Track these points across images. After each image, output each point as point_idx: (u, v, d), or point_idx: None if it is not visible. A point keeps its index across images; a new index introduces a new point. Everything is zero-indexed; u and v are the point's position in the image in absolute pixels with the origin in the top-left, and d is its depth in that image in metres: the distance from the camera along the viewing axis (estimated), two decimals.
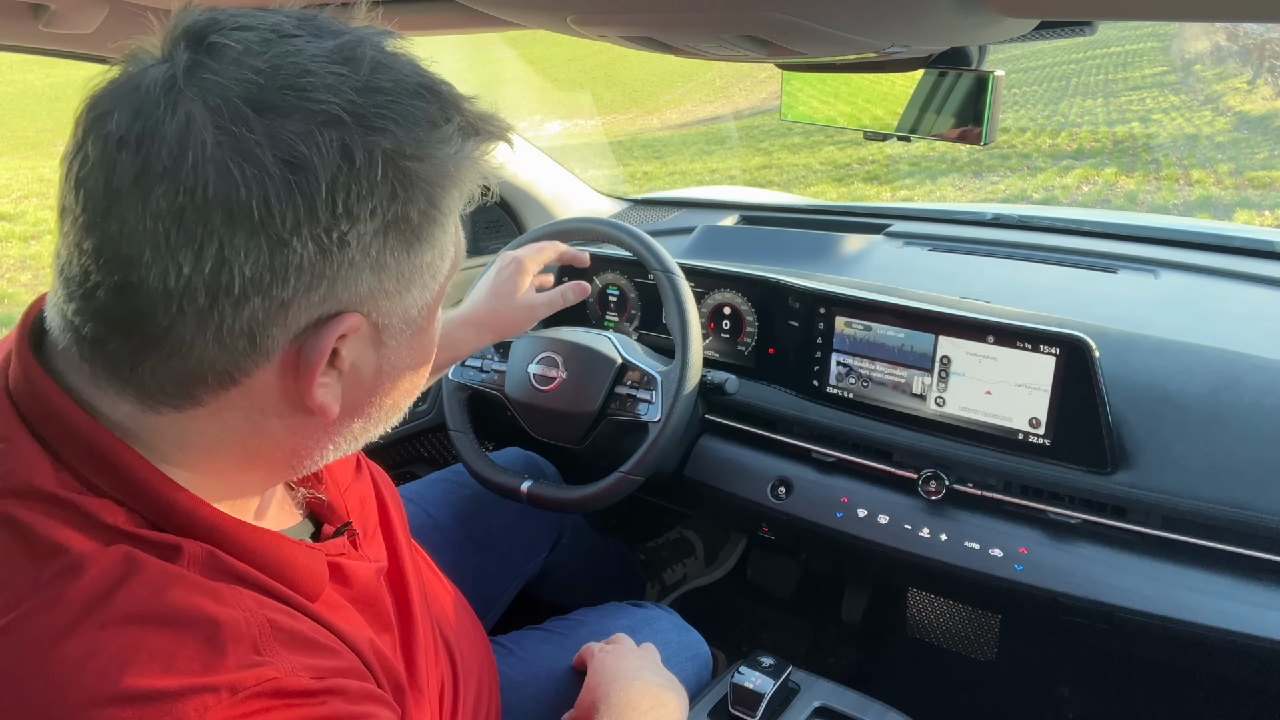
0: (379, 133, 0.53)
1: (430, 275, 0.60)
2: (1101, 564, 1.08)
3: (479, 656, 0.93)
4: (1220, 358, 1.12)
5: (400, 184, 0.54)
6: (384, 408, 0.64)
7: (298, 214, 0.51)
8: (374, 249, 0.54)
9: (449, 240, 0.60)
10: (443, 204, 0.57)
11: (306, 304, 0.53)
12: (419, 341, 0.63)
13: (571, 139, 9.78)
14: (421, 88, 0.56)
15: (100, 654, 0.49)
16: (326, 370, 0.57)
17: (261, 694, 0.51)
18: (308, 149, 0.51)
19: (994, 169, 10.19)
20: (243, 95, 0.50)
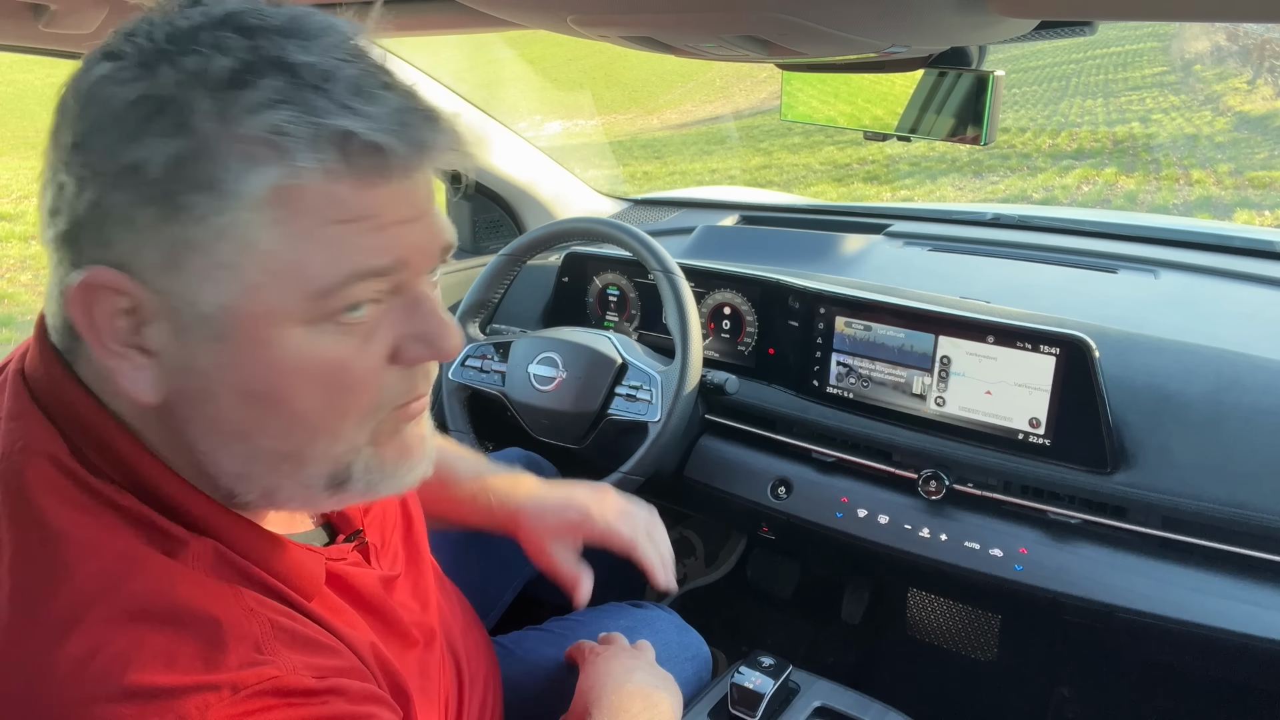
0: (150, 71, 0.50)
1: (214, 263, 0.51)
2: (1101, 564, 1.08)
3: (484, 660, 0.93)
4: (1220, 358, 1.12)
5: (153, 125, 0.50)
6: (224, 432, 0.56)
7: (59, 140, 0.52)
8: (121, 197, 0.51)
9: (245, 230, 0.51)
10: (211, 170, 0.50)
11: (74, 248, 0.53)
12: (235, 357, 0.54)
13: (571, 139, 9.78)
14: (250, 49, 0.50)
15: (103, 650, 0.49)
16: (141, 350, 0.54)
17: (263, 692, 0.51)
18: (82, 79, 0.52)
19: (994, 169, 10.18)
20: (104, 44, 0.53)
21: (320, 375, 0.55)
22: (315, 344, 0.54)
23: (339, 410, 0.56)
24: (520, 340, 1.37)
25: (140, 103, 0.50)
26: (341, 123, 0.50)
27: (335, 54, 0.52)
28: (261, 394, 0.55)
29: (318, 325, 0.54)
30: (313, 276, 0.52)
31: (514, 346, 1.36)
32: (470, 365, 1.39)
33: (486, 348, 1.39)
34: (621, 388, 1.28)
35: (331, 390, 0.55)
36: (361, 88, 0.52)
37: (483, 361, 1.39)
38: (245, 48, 0.50)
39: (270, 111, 0.49)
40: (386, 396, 0.58)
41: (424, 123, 0.53)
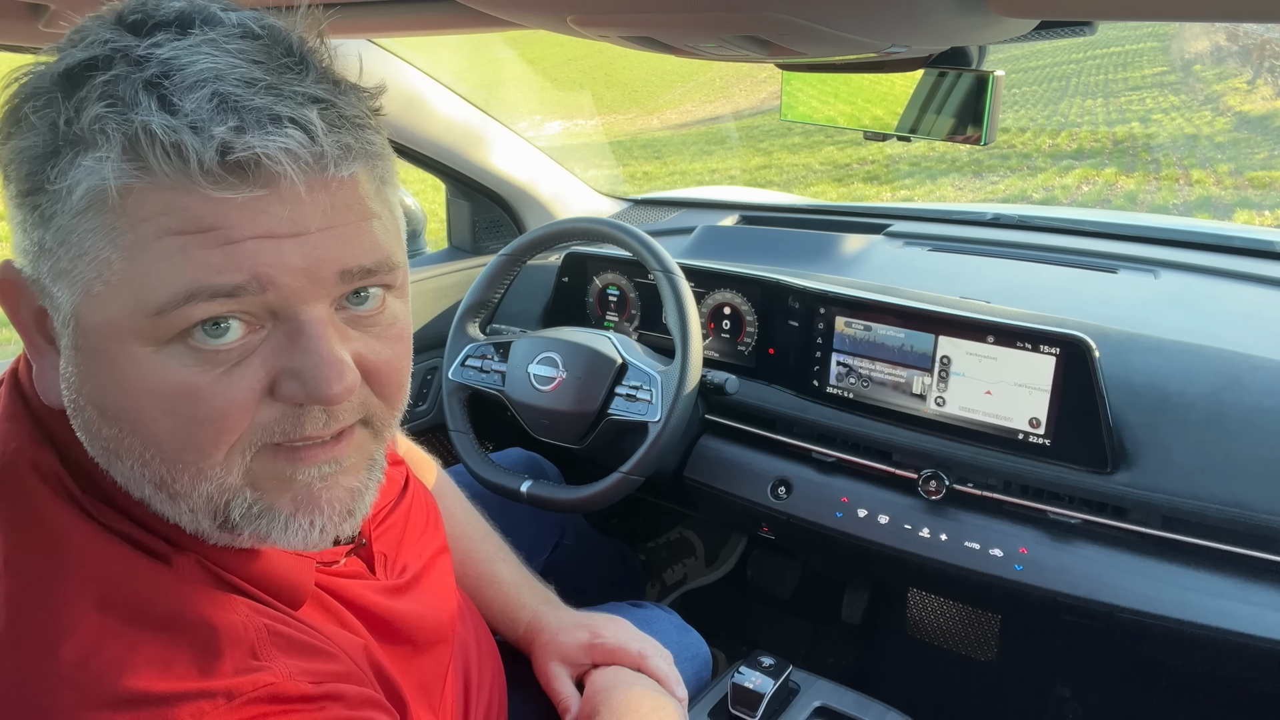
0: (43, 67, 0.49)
1: (56, 266, 0.49)
2: (1101, 564, 1.08)
3: (490, 662, 0.93)
4: (1220, 358, 1.12)
5: (15, 121, 0.49)
6: (97, 444, 0.53)
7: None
8: (5, 191, 0.51)
9: (75, 232, 0.48)
10: (35, 167, 0.48)
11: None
12: (89, 369, 0.51)
13: (571, 139, 9.78)
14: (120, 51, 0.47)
15: (97, 656, 0.49)
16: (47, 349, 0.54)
17: (258, 699, 0.51)
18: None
19: (994, 169, 10.18)
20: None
21: (170, 401, 0.50)
22: (162, 366, 0.50)
23: (195, 443, 0.51)
24: (520, 340, 1.37)
25: (16, 99, 0.49)
26: (146, 119, 0.46)
27: (206, 48, 0.48)
28: (116, 412, 0.51)
29: (166, 346, 0.49)
30: (150, 290, 0.48)
31: (514, 346, 1.36)
32: (470, 365, 1.39)
33: (486, 348, 1.39)
34: (621, 388, 1.28)
35: (183, 419, 0.50)
36: (202, 82, 0.46)
37: (483, 361, 1.39)
38: (104, 40, 0.48)
39: (93, 107, 0.46)
40: (263, 434, 0.53)
41: (255, 122, 0.47)
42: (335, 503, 0.56)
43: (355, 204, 0.52)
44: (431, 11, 1.00)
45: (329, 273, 0.51)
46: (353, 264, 0.52)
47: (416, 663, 0.72)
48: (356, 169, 0.52)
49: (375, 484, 0.60)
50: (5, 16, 1.00)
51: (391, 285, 0.56)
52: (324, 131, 0.49)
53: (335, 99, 0.50)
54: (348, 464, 0.56)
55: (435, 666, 0.76)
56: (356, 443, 0.57)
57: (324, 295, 0.52)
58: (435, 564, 0.81)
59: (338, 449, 0.55)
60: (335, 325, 0.53)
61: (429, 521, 0.83)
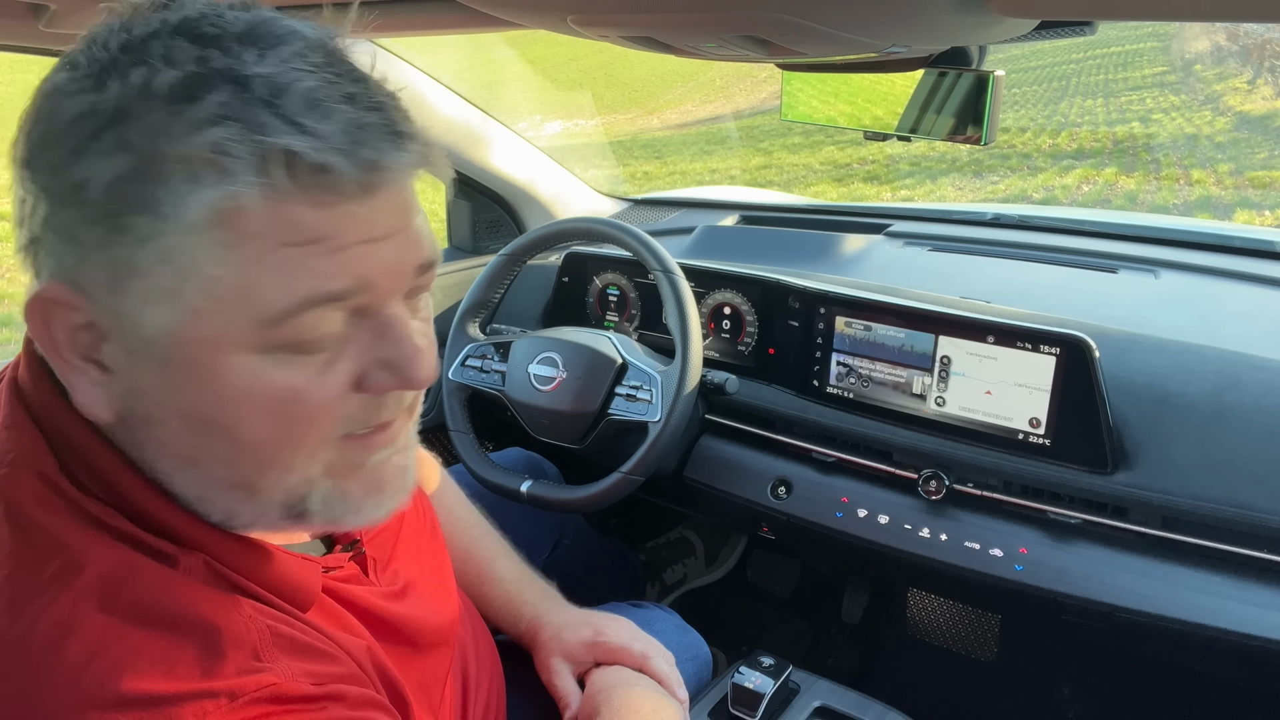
0: (96, 84, 0.48)
1: (156, 287, 0.49)
2: (1101, 564, 1.08)
3: (489, 662, 0.93)
4: (1220, 358, 1.12)
5: (97, 142, 0.48)
6: (173, 456, 0.54)
7: (16, 150, 0.51)
8: (67, 215, 0.49)
9: (187, 254, 0.48)
10: (151, 190, 0.47)
11: (32, 257, 0.52)
12: (181, 383, 0.51)
13: (571, 139, 9.78)
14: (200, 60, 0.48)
15: (101, 657, 0.49)
16: (99, 367, 0.53)
17: (260, 699, 0.51)
18: (40, 94, 0.51)
19: (994, 169, 10.19)
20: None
21: (271, 405, 0.52)
22: (266, 372, 0.51)
23: (290, 441, 0.53)
24: (520, 340, 1.37)
25: (84, 118, 0.48)
26: (286, 141, 0.47)
27: (295, 64, 0.49)
28: (206, 421, 0.52)
29: (269, 353, 0.51)
30: (263, 303, 0.49)
31: (514, 346, 1.36)
32: (470, 365, 1.39)
33: (486, 348, 1.39)
34: (621, 388, 1.28)
35: (282, 420, 0.52)
36: (317, 101, 0.48)
37: (483, 361, 1.39)
38: (195, 58, 0.48)
39: (213, 129, 0.46)
40: (345, 426, 0.55)
41: (382, 139, 0.50)
42: (395, 481, 0.60)
43: (413, 202, 0.56)
44: (431, 11, 1.00)
45: (410, 269, 0.55)
46: (424, 259, 0.56)
47: (417, 664, 0.72)
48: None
49: (415, 459, 0.63)
50: (5, 16, 1.00)
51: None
52: (421, 140, 0.52)
53: (400, 103, 0.53)
54: (400, 444, 0.60)
55: (436, 669, 0.76)
56: (403, 423, 0.61)
57: (403, 290, 0.56)
58: (432, 569, 0.81)
59: (394, 431, 0.59)
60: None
61: (424, 526, 0.83)
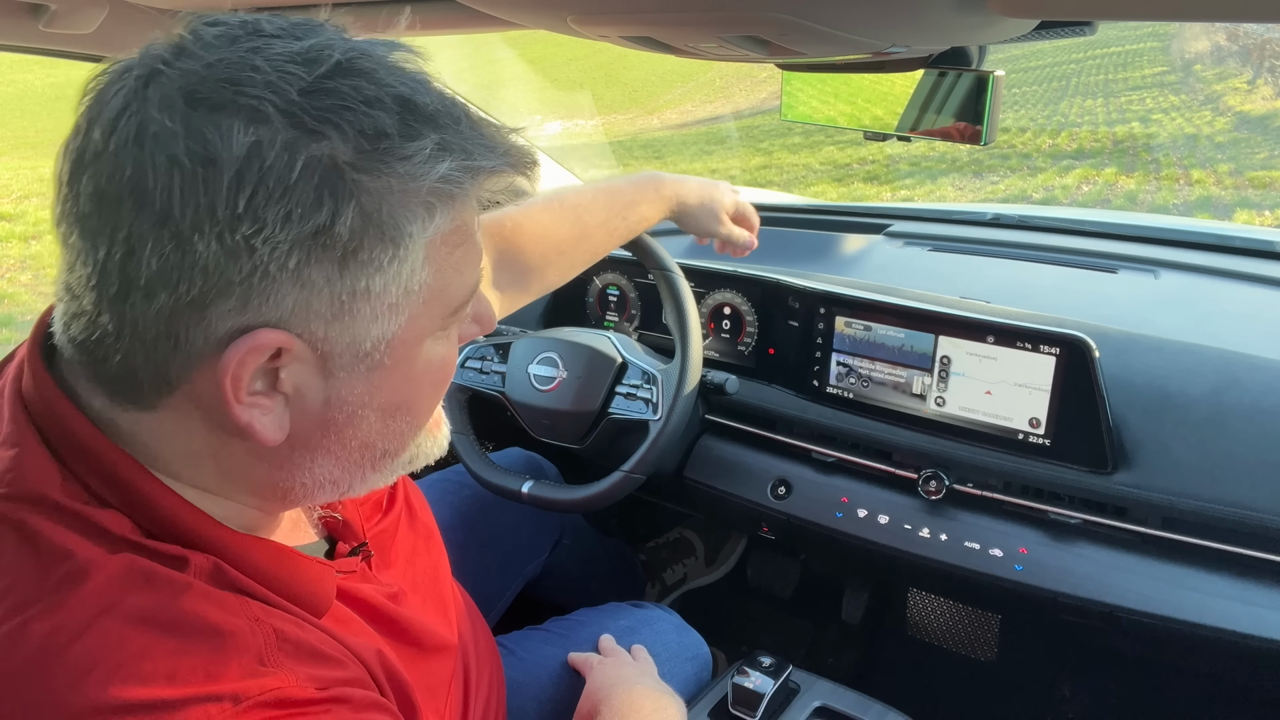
0: (312, 135, 0.50)
1: (384, 305, 0.54)
2: (1101, 564, 1.08)
3: (489, 662, 0.93)
4: (1220, 358, 1.12)
5: (330, 192, 0.50)
6: (349, 447, 0.59)
7: (199, 209, 0.48)
8: (293, 260, 0.50)
9: (412, 270, 0.54)
10: (390, 225, 0.52)
11: (221, 311, 0.50)
12: (383, 380, 0.57)
13: (571, 139, 9.77)
14: (392, 98, 0.52)
15: (105, 661, 0.49)
16: (266, 393, 0.54)
17: (265, 704, 0.51)
18: (220, 142, 0.48)
19: (994, 169, 10.19)
20: (181, 86, 0.49)
21: (440, 376, 0.61)
22: (439, 349, 0.60)
23: (439, 397, 0.64)
24: (520, 340, 1.37)
25: (310, 170, 0.49)
26: (492, 163, 0.55)
27: (423, 83, 0.54)
28: (399, 406, 0.59)
29: (443, 333, 0.60)
30: (452, 298, 0.58)
31: (514, 347, 1.36)
32: (470, 367, 1.39)
33: (486, 349, 1.39)
34: (622, 387, 1.28)
35: (441, 385, 0.62)
36: (474, 121, 0.55)
37: (482, 363, 1.39)
38: (390, 98, 0.52)
39: (440, 164, 0.52)
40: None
41: (518, 139, 0.57)
42: (440, 420, 0.68)
43: None
44: (431, 11, 1.00)
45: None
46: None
47: (423, 666, 0.72)
48: None
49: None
50: (5, 16, 1.00)
51: None
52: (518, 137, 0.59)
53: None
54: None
55: (440, 671, 0.76)
56: None
57: None
58: (427, 572, 0.81)
59: None
60: None
61: (420, 528, 0.83)
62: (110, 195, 0.49)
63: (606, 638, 1.11)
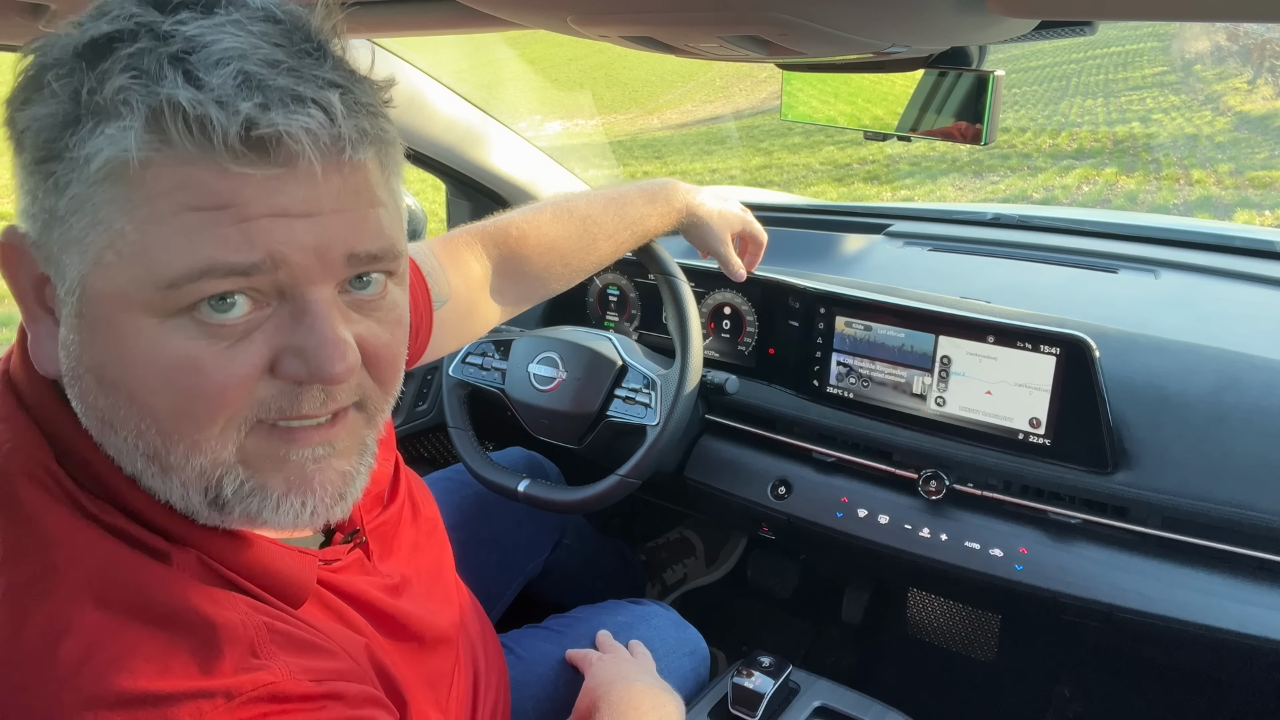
0: (64, 37, 0.49)
1: (69, 234, 0.49)
2: (1102, 564, 1.08)
3: (495, 659, 0.93)
4: (1220, 358, 1.12)
5: (30, 90, 0.50)
6: (93, 414, 0.53)
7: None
8: (16, 159, 0.51)
9: (90, 202, 0.48)
10: (54, 129, 0.49)
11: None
12: (88, 335, 0.51)
13: (571, 139, 9.77)
14: (135, 16, 0.48)
15: (96, 655, 0.49)
16: (42, 315, 0.54)
17: (258, 698, 0.51)
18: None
19: (994, 169, 10.18)
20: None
21: (171, 373, 0.50)
22: (166, 338, 0.50)
23: (192, 415, 0.51)
24: (521, 339, 1.37)
25: (35, 68, 0.50)
26: (172, 92, 0.46)
27: (229, 28, 0.48)
28: (114, 382, 0.51)
29: (172, 319, 0.50)
30: (162, 264, 0.48)
31: (514, 345, 1.36)
32: (471, 362, 1.39)
33: (487, 345, 1.39)
34: (621, 390, 1.28)
35: (183, 392, 0.51)
36: (227, 60, 0.47)
37: (483, 359, 1.39)
38: (131, 15, 0.48)
39: (117, 78, 0.47)
40: (259, 410, 0.53)
41: (275, 99, 0.48)
42: (327, 484, 0.56)
43: (365, 190, 0.53)
44: (431, 11, 1.00)
45: (337, 255, 0.52)
46: (360, 248, 0.53)
47: (424, 659, 0.72)
48: (369, 155, 0.53)
49: (366, 469, 0.60)
50: (5, 16, 1.00)
51: (394, 272, 0.57)
52: (343, 115, 0.50)
53: (352, 85, 0.52)
54: (340, 447, 0.57)
55: (442, 664, 0.76)
56: (350, 426, 0.58)
57: (330, 277, 0.53)
58: (430, 566, 0.81)
59: (332, 431, 0.56)
60: (339, 307, 0.54)
61: (424, 521, 0.83)
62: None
63: (604, 634, 1.11)
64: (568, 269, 1.13)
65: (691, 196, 1.20)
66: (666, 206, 1.19)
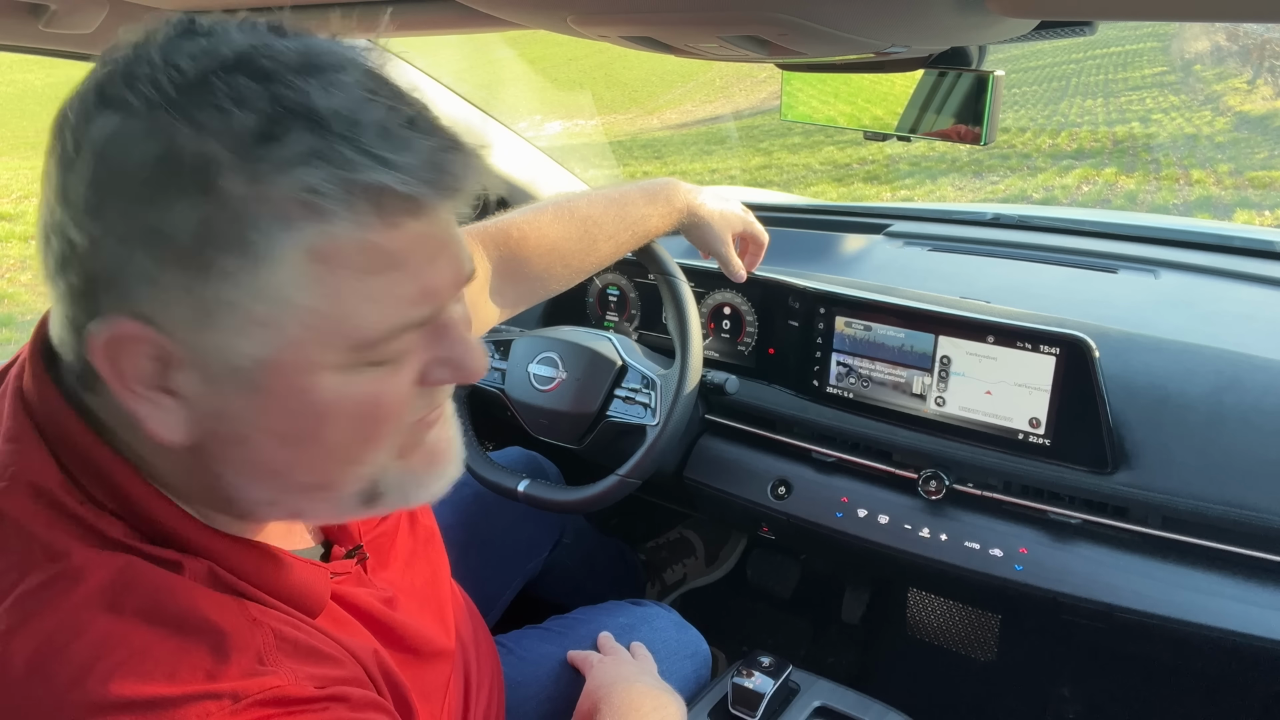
0: (168, 130, 0.47)
1: (248, 320, 0.50)
2: (1101, 564, 1.08)
3: (489, 662, 0.93)
4: (1220, 358, 1.12)
5: (178, 190, 0.47)
6: (259, 469, 0.56)
7: (67, 197, 0.50)
8: (141, 255, 0.48)
9: (282, 288, 0.50)
10: (244, 232, 0.48)
11: (103, 300, 0.50)
12: (270, 405, 0.53)
13: (571, 139, 9.76)
14: (273, 99, 0.48)
15: (105, 659, 0.49)
16: (159, 390, 0.53)
17: (263, 702, 0.51)
18: (88, 130, 0.49)
19: (994, 169, 10.18)
20: (96, 82, 0.51)
21: (355, 412, 0.55)
22: (351, 385, 0.54)
23: (369, 439, 0.57)
24: (520, 339, 1.37)
25: (162, 164, 0.47)
26: (375, 178, 0.49)
27: (358, 92, 0.50)
28: (295, 435, 0.55)
29: (354, 368, 0.54)
30: (356, 329, 0.52)
31: (514, 345, 1.36)
32: None
33: (486, 345, 1.39)
34: (621, 390, 1.28)
35: (363, 423, 0.56)
36: (389, 131, 0.49)
37: None
38: (265, 97, 0.48)
39: (302, 169, 0.48)
40: (410, 417, 0.59)
41: (456, 163, 0.52)
42: (448, 452, 0.64)
43: (453, 215, 0.58)
44: (431, 11, 1.00)
45: (463, 277, 0.58)
46: (470, 267, 0.59)
47: (418, 671, 0.72)
48: None
49: (457, 430, 0.68)
50: (5, 16, 1.00)
51: None
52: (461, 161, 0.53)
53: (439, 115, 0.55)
54: (447, 418, 0.65)
55: (436, 677, 0.76)
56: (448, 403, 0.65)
57: (458, 295, 0.59)
58: (426, 578, 0.81)
59: (444, 410, 0.64)
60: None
61: (420, 532, 0.83)
62: (41, 188, 0.52)
63: (605, 635, 1.11)
64: (568, 269, 1.12)
65: (693, 196, 1.20)
66: (667, 206, 1.18)
